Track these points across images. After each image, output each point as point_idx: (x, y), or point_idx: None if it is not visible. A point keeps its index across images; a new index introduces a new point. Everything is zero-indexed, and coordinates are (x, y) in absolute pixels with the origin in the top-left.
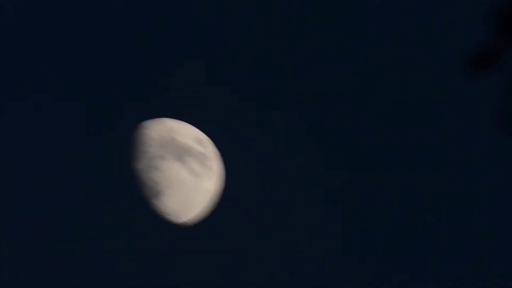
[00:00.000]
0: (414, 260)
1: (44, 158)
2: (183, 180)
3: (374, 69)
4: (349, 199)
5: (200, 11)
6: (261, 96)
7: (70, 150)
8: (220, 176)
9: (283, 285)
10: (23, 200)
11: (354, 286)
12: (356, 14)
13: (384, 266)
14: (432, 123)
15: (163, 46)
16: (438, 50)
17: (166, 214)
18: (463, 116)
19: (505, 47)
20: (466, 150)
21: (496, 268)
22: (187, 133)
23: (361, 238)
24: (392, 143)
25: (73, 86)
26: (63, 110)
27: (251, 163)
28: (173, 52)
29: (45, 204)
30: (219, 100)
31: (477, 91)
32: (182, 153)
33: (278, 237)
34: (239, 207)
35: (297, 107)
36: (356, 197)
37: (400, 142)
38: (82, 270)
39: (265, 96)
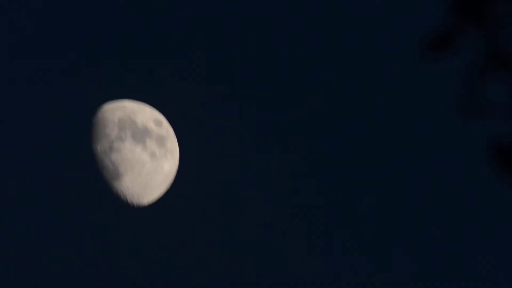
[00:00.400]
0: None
1: (1, 142)
2: (143, 162)
3: (329, 55)
4: (303, 182)
5: None
6: (222, 78)
7: (28, 134)
8: (179, 158)
9: (241, 265)
10: None
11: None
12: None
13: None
14: (390, 109)
15: (122, 28)
16: (394, 34)
17: (125, 195)
18: (421, 100)
19: (462, 30)
20: (425, 135)
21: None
22: (145, 115)
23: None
24: (350, 131)
25: (33, 67)
26: (22, 93)
27: (210, 145)
28: (131, 34)
29: (4, 188)
30: (177, 81)
31: (435, 74)
32: (140, 134)
33: (237, 220)
34: (196, 188)
35: (256, 90)
36: (312, 178)
37: (358, 130)
38: (41, 253)
39: (226, 78)
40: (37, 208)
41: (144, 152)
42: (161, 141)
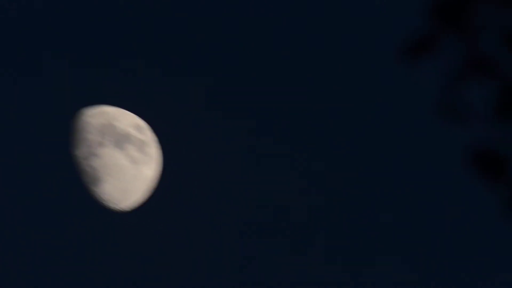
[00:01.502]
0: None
1: None
2: (122, 167)
3: (310, 59)
4: (285, 183)
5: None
6: (202, 82)
7: (9, 138)
8: (158, 162)
9: (220, 271)
10: None
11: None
12: (293, 3)
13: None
14: (369, 114)
15: (104, 34)
16: (375, 39)
17: (106, 201)
18: (401, 105)
19: (442, 34)
20: (406, 139)
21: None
22: (126, 120)
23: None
24: (332, 135)
25: (14, 71)
26: (5, 96)
27: (190, 150)
28: (113, 40)
29: None
30: (158, 87)
31: (414, 79)
32: (121, 140)
33: (218, 223)
34: (177, 194)
35: (237, 91)
36: (297, 180)
37: (340, 134)
38: (20, 257)
39: (205, 82)
40: (15, 211)
41: (124, 158)
42: (141, 146)
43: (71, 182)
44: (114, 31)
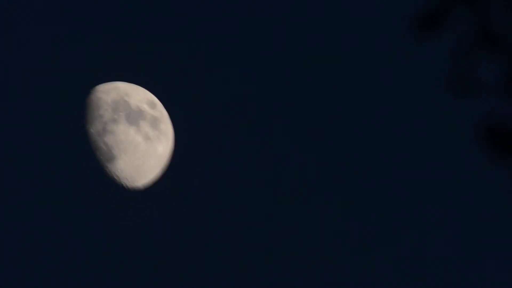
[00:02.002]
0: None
1: None
2: (137, 144)
3: (316, 36)
4: (294, 159)
5: None
6: (218, 60)
7: (22, 114)
8: (172, 139)
9: (233, 247)
10: None
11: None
12: None
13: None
14: (380, 89)
15: (116, 9)
16: (384, 13)
17: (120, 178)
18: (412, 79)
19: (452, 7)
20: (415, 114)
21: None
22: (140, 97)
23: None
24: (336, 113)
25: (29, 47)
26: (17, 73)
27: (204, 127)
28: (126, 16)
29: None
30: (171, 62)
31: (425, 53)
32: (135, 116)
33: (229, 202)
34: (191, 171)
35: (252, 67)
36: (300, 159)
37: (347, 110)
38: (34, 235)
39: (222, 60)
40: (29, 189)
41: (137, 134)
42: (155, 123)
43: (85, 159)
44: (126, 7)
